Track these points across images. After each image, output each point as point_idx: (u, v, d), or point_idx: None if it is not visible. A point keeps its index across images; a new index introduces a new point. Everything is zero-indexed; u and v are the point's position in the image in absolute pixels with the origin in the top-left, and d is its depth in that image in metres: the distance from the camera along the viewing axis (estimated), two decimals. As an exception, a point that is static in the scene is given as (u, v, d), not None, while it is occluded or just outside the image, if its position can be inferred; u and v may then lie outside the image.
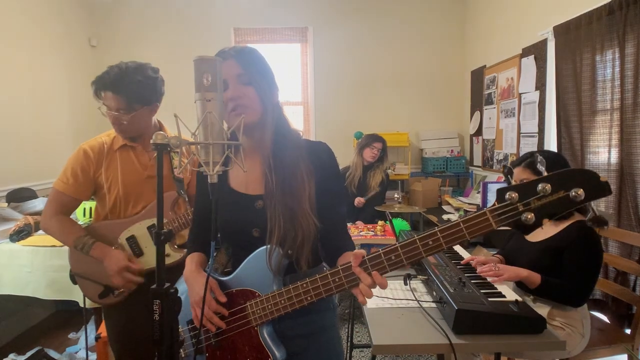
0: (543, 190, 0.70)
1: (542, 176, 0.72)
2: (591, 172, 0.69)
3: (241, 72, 0.98)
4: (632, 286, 2.06)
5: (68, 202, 1.53)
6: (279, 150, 1.03)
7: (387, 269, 0.84)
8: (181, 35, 4.26)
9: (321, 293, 0.91)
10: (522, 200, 0.73)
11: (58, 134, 3.66)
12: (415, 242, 0.81)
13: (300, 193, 0.99)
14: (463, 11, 4.33)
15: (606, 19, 2.18)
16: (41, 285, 2.42)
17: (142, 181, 1.55)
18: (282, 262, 0.98)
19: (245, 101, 0.97)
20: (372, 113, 4.37)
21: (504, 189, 0.74)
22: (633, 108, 2.04)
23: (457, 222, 0.78)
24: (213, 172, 0.81)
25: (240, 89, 0.97)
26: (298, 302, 0.94)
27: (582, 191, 0.68)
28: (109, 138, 1.56)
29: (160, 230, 0.76)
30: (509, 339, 1.28)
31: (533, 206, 0.72)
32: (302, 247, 0.99)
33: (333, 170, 1.10)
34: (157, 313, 0.75)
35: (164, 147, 0.76)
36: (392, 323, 1.38)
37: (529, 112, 3.10)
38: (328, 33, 4.30)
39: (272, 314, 0.97)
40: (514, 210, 0.73)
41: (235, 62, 0.98)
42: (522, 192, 0.73)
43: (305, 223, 0.98)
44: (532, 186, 0.72)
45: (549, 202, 0.71)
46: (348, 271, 0.88)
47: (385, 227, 2.33)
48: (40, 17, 3.48)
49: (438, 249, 0.80)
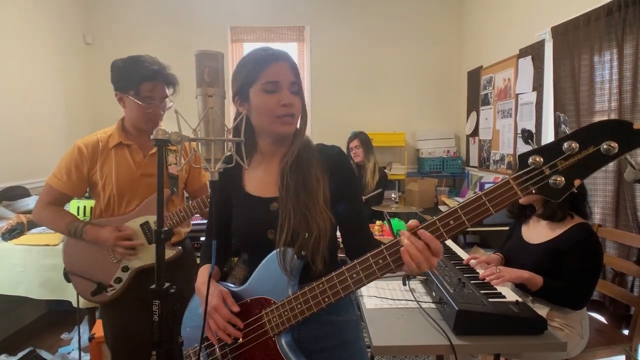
0: (570, 148, 0.64)
1: (565, 135, 0.66)
2: (623, 121, 0.63)
3: (294, 81, 0.97)
4: (629, 287, 2.06)
5: (60, 197, 1.55)
6: (294, 152, 1.02)
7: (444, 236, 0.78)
8: (177, 33, 4.22)
9: (339, 291, 0.86)
10: (547, 163, 0.67)
11: (52, 132, 3.61)
12: (456, 211, 0.76)
13: (315, 190, 0.98)
14: (460, 11, 4.34)
15: (604, 20, 2.18)
16: (34, 285, 2.39)
17: (136, 179, 1.55)
18: (295, 262, 0.94)
19: (294, 110, 0.97)
20: (369, 113, 4.36)
21: (526, 153, 0.68)
22: (631, 109, 2.05)
23: (479, 196, 0.72)
24: (214, 169, 0.79)
25: (292, 97, 0.96)
26: (315, 305, 0.88)
27: (615, 143, 0.62)
28: (105, 135, 1.56)
29: (161, 229, 0.74)
30: (509, 340, 1.27)
31: (561, 168, 0.66)
32: (318, 245, 0.95)
33: (348, 172, 1.07)
34: (156, 314, 0.73)
35: (164, 143, 0.74)
36: (391, 324, 1.37)
37: (526, 113, 3.11)
38: (325, 32, 4.29)
39: (289, 320, 0.91)
40: (541, 175, 0.67)
41: (289, 67, 0.98)
42: (546, 154, 0.67)
43: (321, 219, 0.95)
44: (557, 146, 0.66)
45: (579, 161, 0.65)
46: (394, 248, 0.81)
47: (383, 227, 2.32)
48: (34, 13, 3.43)
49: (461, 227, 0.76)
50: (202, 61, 0.81)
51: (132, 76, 1.48)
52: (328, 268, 0.95)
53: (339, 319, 1.04)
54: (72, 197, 1.57)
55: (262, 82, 0.95)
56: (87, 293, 1.56)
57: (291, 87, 0.97)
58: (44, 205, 1.53)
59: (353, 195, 1.06)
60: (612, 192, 2.17)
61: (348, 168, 1.07)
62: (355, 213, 1.05)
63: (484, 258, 1.78)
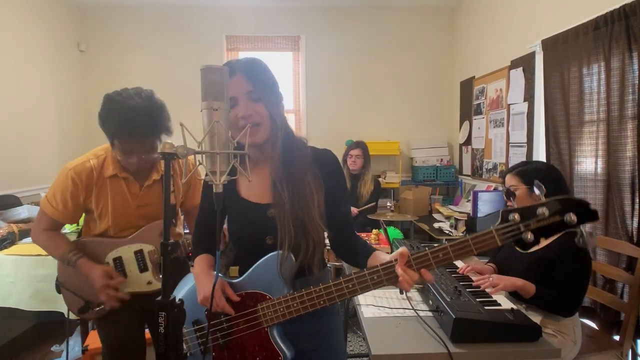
0: (542, 213, 0.82)
1: (542, 201, 0.83)
2: (583, 201, 0.80)
3: (251, 89, 0.98)
4: (619, 294, 2.10)
5: (57, 224, 1.54)
6: (287, 161, 1.04)
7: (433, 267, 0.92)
8: (172, 42, 4.23)
9: (334, 298, 0.96)
10: (523, 221, 0.83)
11: (44, 141, 3.58)
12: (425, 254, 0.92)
13: (309, 204, 1.01)
14: (453, 23, 4.42)
15: (592, 34, 2.25)
16: (25, 296, 2.34)
17: (131, 210, 1.54)
18: (294, 271, 1.01)
19: (257, 118, 0.98)
20: (363, 122, 4.41)
21: (508, 210, 0.85)
22: (619, 120, 2.10)
23: (466, 239, 0.88)
24: (219, 181, 0.80)
25: (251, 107, 0.97)
26: (311, 306, 0.97)
27: (574, 216, 0.79)
28: (97, 161, 1.49)
29: (167, 241, 0.75)
30: (505, 347, 1.29)
31: (533, 227, 0.82)
32: (314, 255, 1.03)
33: (338, 178, 1.13)
34: (162, 325, 0.74)
35: (171, 157, 0.76)
36: (389, 333, 1.38)
37: (517, 123, 3.17)
38: (320, 42, 4.34)
39: (284, 316, 1.00)
40: (517, 230, 0.83)
41: (244, 78, 0.98)
42: (523, 214, 0.83)
43: (315, 232, 1.02)
44: (532, 209, 0.83)
45: (546, 224, 0.82)
46: (389, 269, 0.92)
47: (379, 235, 2.34)
48: (28, 21, 3.43)
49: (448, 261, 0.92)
50: (207, 75, 0.83)
51: (112, 127, 1.37)
52: (320, 271, 1.07)
53: (326, 311, 1.08)
54: (68, 224, 1.57)
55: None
56: (74, 308, 1.56)
57: (249, 96, 0.98)
58: (40, 231, 1.52)
59: (344, 197, 1.16)
60: (602, 201, 2.22)
61: (340, 170, 1.14)
62: (346, 214, 1.16)
63: (478, 267, 1.81)
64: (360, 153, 3.38)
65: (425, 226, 3.37)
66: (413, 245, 2.09)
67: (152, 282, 1.57)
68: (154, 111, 1.39)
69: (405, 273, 0.89)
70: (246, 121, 0.96)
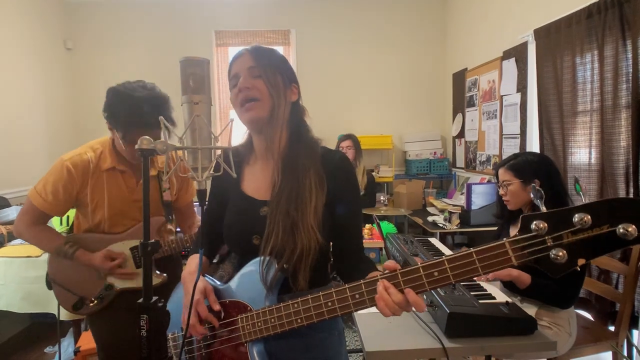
0: (581, 222, 0.55)
1: (580, 204, 0.58)
2: None
3: (252, 65, 0.95)
4: (614, 284, 2.10)
5: (44, 216, 1.48)
6: (291, 154, 0.99)
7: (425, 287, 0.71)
8: (161, 38, 4.17)
9: (312, 317, 0.82)
10: (552, 233, 0.58)
11: (32, 140, 3.52)
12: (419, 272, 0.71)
13: (305, 204, 0.93)
14: (444, 15, 4.39)
15: (585, 22, 2.23)
16: (15, 298, 2.32)
17: (128, 204, 1.51)
18: (276, 277, 0.91)
19: (255, 93, 0.94)
20: (356, 116, 4.38)
21: (531, 215, 0.60)
22: (613, 109, 2.09)
23: (469, 253, 0.66)
24: (202, 178, 0.77)
25: (250, 81, 0.94)
26: (288, 324, 0.86)
27: (634, 228, 0.53)
28: (94, 154, 1.46)
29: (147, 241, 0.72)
30: (500, 341, 1.28)
31: (566, 241, 0.57)
32: (300, 261, 0.91)
33: (349, 182, 1.02)
34: (144, 329, 0.71)
35: (150, 153, 0.73)
36: (383, 328, 1.36)
37: (510, 114, 3.15)
38: (310, 36, 4.29)
39: (262, 332, 0.90)
40: (542, 244, 0.59)
41: (248, 56, 0.97)
42: (553, 222, 0.58)
43: (306, 235, 0.91)
44: (567, 216, 0.57)
45: (588, 238, 0.56)
46: (372, 287, 0.76)
47: (372, 230, 2.32)
48: (14, 18, 3.35)
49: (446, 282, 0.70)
50: (186, 68, 0.80)
51: (122, 119, 1.37)
52: (317, 284, 0.95)
53: (320, 334, 1.00)
54: (55, 216, 1.51)
55: (230, 80, 0.99)
56: (68, 305, 1.53)
57: (250, 72, 0.95)
58: (27, 225, 1.46)
59: (352, 200, 1.02)
60: (596, 191, 2.21)
61: (350, 172, 1.03)
62: (352, 217, 1.02)
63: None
64: (351, 144, 3.38)
65: (419, 220, 3.35)
66: (407, 240, 2.07)
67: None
68: (161, 102, 1.41)
69: (385, 291, 0.72)
70: (244, 94, 0.93)
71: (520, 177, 1.69)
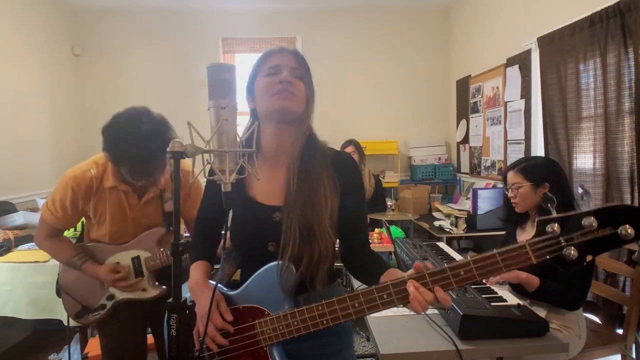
0: (589, 225, 0.67)
1: (587, 210, 0.69)
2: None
3: (295, 67, 0.99)
4: (621, 287, 2.11)
5: (58, 230, 1.56)
6: (307, 159, 1.00)
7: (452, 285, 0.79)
8: (168, 45, 4.21)
9: (339, 317, 0.85)
10: (565, 235, 0.69)
11: (39, 146, 3.54)
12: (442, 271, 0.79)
13: (321, 209, 0.95)
14: (447, 23, 4.44)
15: (588, 30, 2.27)
16: (22, 304, 2.30)
17: (129, 222, 1.55)
18: (296, 283, 0.93)
19: (295, 90, 0.97)
20: (361, 122, 4.41)
21: (546, 220, 0.71)
22: (616, 115, 2.12)
23: (493, 254, 0.75)
24: (229, 180, 0.79)
25: (293, 78, 0.98)
26: (313, 326, 0.88)
27: (632, 230, 0.65)
28: (97, 171, 1.47)
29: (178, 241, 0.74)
30: (512, 343, 1.29)
31: (577, 241, 0.69)
32: (318, 266, 0.94)
33: (355, 177, 1.07)
34: (174, 328, 0.73)
35: (180, 155, 0.75)
36: (396, 331, 1.37)
37: (515, 120, 3.19)
38: (316, 43, 4.34)
39: (284, 335, 0.90)
40: (556, 245, 0.70)
41: (292, 56, 1.00)
42: (565, 225, 0.69)
43: (323, 241, 0.93)
44: (576, 219, 0.69)
45: (595, 239, 0.67)
46: (400, 287, 0.81)
47: (382, 234, 2.34)
48: (22, 24, 3.39)
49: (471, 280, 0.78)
50: (213, 74, 0.82)
51: (128, 162, 1.35)
52: (326, 287, 0.99)
53: (335, 328, 1.01)
54: (68, 228, 1.59)
55: (264, 68, 0.99)
56: (72, 313, 1.59)
57: (293, 72, 0.98)
58: (43, 238, 1.55)
59: (359, 193, 1.07)
60: (601, 195, 2.23)
61: (356, 167, 1.08)
62: (360, 209, 1.07)
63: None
64: (354, 149, 3.38)
65: (425, 225, 3.37)
66: (416, 244, 2.09)
67: (147, 289, 1.58)
68: (162, 129, 1.37)
69: (416, 291, 0.79)
70: (283, 86, 0.95)
71: (531, 180, 1.72)
